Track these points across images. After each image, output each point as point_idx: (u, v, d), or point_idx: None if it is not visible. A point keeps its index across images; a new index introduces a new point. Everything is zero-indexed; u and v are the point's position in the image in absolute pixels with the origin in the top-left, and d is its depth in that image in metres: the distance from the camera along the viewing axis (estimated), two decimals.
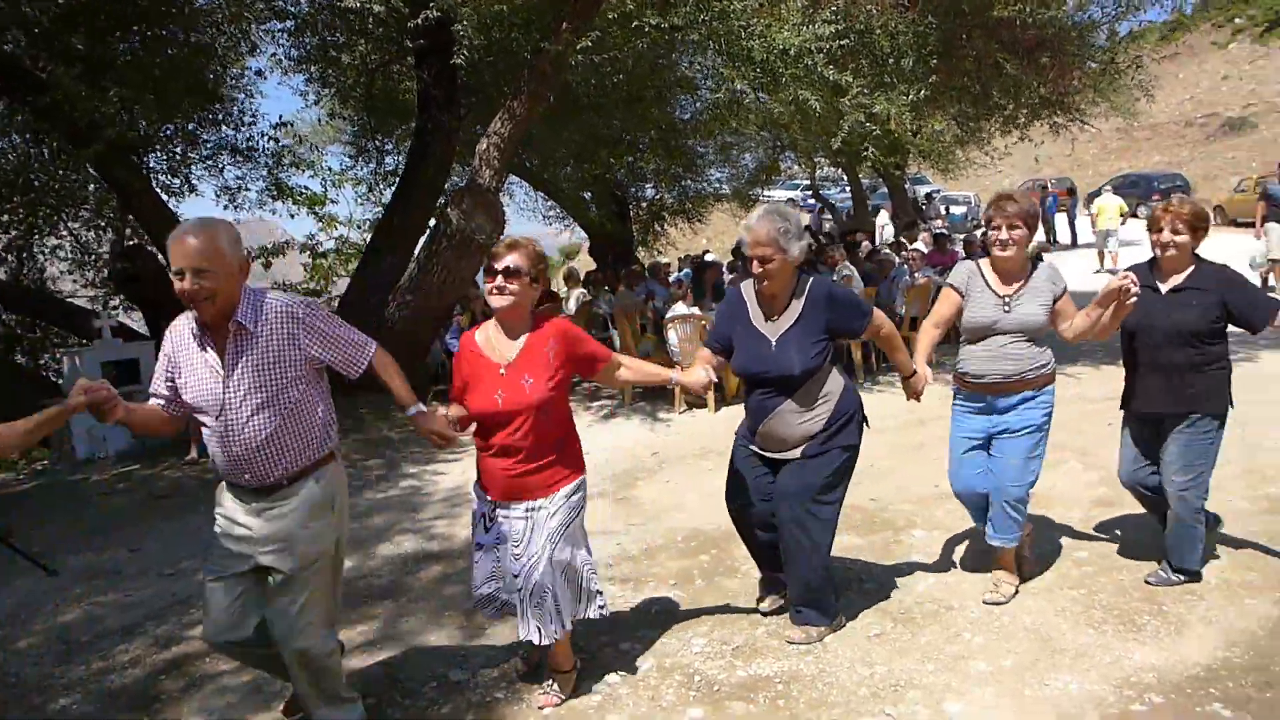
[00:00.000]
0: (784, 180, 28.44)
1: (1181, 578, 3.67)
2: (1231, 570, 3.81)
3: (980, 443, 3.63)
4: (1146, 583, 3.69)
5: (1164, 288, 3.55)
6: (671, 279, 11.11)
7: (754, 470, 3.46)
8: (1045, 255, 14.87)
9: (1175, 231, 3.46)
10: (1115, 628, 3.38)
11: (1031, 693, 2.98)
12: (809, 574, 3.34)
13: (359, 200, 12.97)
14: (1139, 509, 4.49)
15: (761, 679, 3.18)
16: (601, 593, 3.19)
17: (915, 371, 3.52)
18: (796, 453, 3.30)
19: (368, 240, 11.17)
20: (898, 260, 10.61)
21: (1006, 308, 3.47)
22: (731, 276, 11.17)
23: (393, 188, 10.42)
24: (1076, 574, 3.88)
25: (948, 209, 26.93)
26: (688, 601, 3.93)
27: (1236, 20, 46.13)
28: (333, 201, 14.30)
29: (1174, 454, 3.57)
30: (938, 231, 15.49)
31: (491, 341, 2.99)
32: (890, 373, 8.71)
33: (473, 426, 3.05)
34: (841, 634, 3.47)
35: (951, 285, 3.64)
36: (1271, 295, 3.36)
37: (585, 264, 20.63)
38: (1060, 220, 22.45)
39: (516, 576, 2.95)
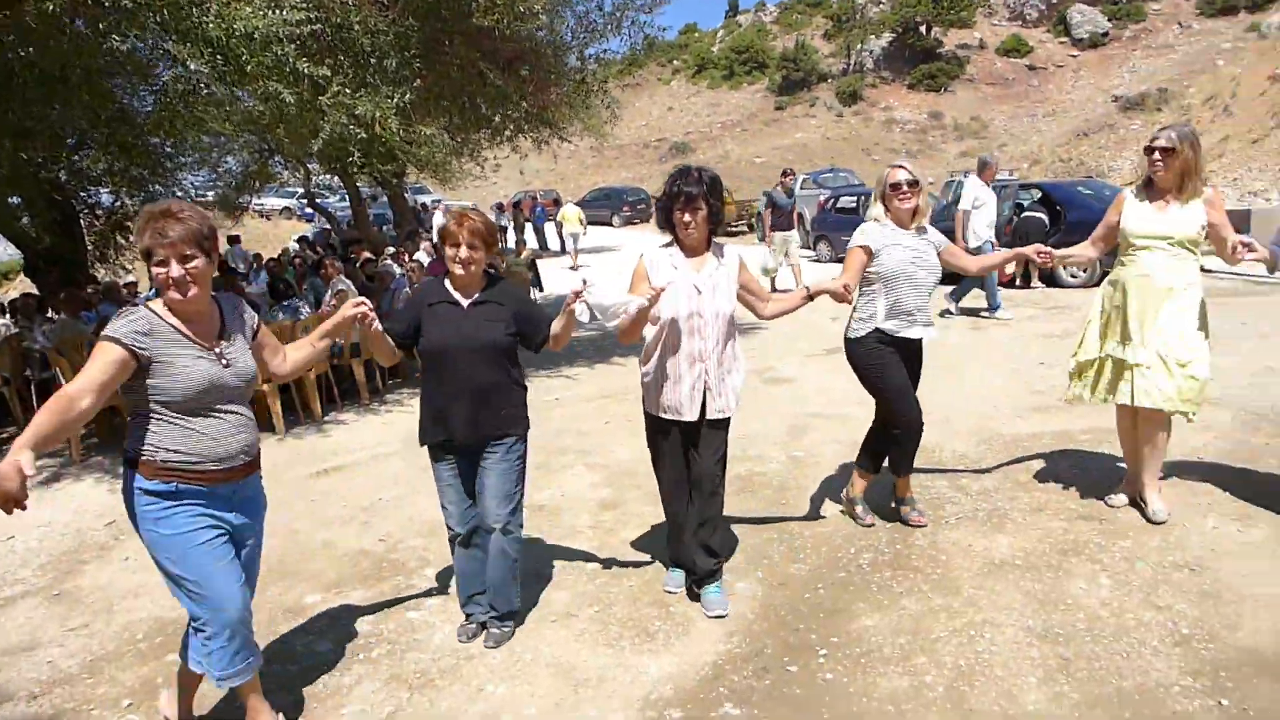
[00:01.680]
0: (276, 188, 26.47)
1: (511, 624, 3.43)
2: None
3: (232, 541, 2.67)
4: (486, 646, 3.35)
5: (465, 302, 3.23)
6: (140, 299, 9.32)
7: None
8: (540, 261, 15.65)
9: (472, 247, 3.14)
10: (631, 641, 3.34)
11: None
12: None
13: None
14: (644, 508, 4.68)
15: None
16: None
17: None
18: None
19: None
20: (398, 272, 10.21)
21: (225, 362, 2.60)
22: None
23: None
24: (591, 588, 3.80)
25: None
26: None
27: (675, 62, 54.82)
28: None
29: (494, 485, 3.25)
30: (437, 242, 15.48)
31: None
32: (396, 392, 8.30)
33: None
34: None
35: (115, 339, 2.41)
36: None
37: (27, 286, 16.80)
38: (550, 229, 24.11)
39: None
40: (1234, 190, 18.89)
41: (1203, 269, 4.01)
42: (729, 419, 3.50)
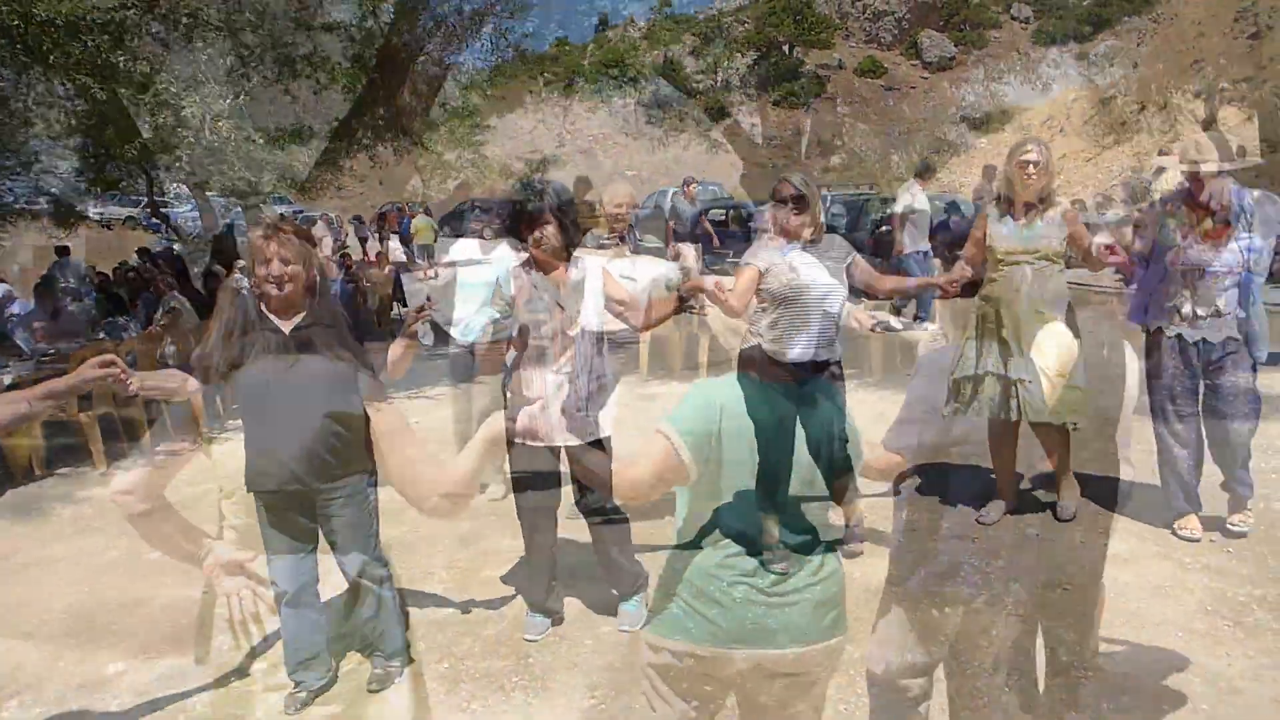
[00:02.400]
0: (119, 195, 24.60)
1: (400, 661, 3.15)
2: (582, 599, 3.73)
3: None
4: (370, 690, 3.05)
5: (286, 328, 2.79)
6: None
7: None
8: (404, 276, 15.04)
9: (285, 261, 2.75)
10: (485, 701, 2.99)
11: None
12: None
13: None
14: (505, 543, 4.31)
15: None
16: None
17: None
18: None
19: None
20: (245, 288, 9.46)
21: None
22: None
23: None
24: (443, 639, 3.42)
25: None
26: None
27: (545, 75, 54.56)
28: None
29: (346, 535, 2.91)
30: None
31: None
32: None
33: None
34: None
35: None
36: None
37: None
38: None
39: None
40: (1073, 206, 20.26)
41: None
42: (604, 439, 3.26)
